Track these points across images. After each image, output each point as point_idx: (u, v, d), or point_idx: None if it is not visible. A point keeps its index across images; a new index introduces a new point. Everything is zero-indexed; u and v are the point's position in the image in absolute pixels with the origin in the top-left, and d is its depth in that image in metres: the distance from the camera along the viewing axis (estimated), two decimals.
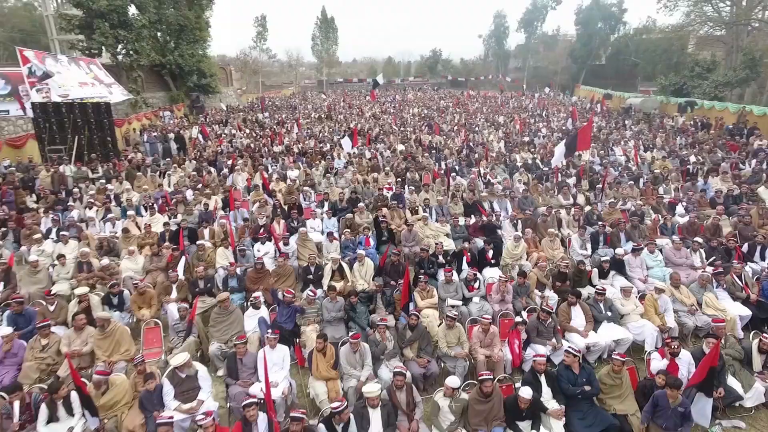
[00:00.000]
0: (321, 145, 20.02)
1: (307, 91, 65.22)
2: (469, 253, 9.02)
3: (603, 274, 8.46)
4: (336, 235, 10.16)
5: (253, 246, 9.70)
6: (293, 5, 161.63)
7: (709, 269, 8.43)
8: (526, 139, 21.05)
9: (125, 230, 10.05)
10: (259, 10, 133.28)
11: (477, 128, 24.68)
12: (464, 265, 8.91)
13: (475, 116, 30.07)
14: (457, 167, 15.81)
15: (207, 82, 33.98)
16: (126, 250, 9.28)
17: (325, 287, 8.15)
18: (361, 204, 11.63)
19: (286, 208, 11.85)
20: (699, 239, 9.15)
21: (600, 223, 10.00)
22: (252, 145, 19.93)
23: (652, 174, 14.25)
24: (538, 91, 48.28)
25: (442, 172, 14.80)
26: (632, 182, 13.17)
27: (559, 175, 14.14)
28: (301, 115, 31.68)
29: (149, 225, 10.42)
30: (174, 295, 7.95)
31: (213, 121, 28.69)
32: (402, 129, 25.10)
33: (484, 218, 10.74)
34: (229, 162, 16.40)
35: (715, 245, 9.21)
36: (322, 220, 11.22)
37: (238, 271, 8.65)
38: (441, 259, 8.87)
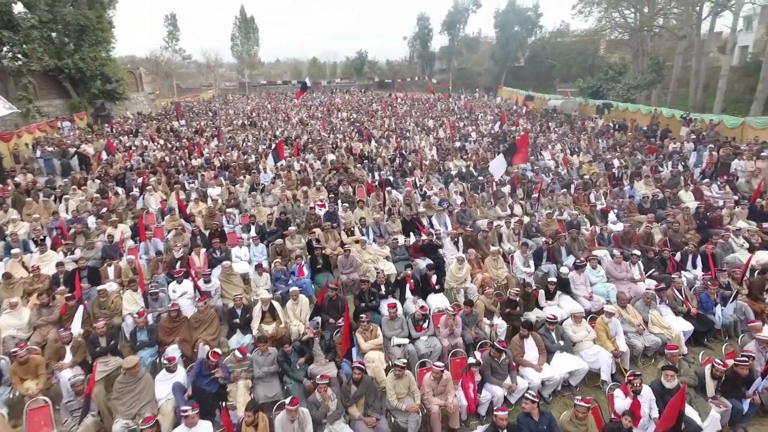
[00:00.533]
0: (245, 156, 18.61)
1: (228, 93, 62.24)
2: (412, 280, 8.40)
3: (549, 295, 8.18)
4: (265, 265, 9.15)
5: (168, 285, 8.46)
6: (208, 4, 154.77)
7: (650, 282, 8.45)
8: (458, 144, 20.94)
9: (6, 275, 8.39)
10: (170, 8, 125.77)
11: (408, 134, 24.31)
12: (408, 293, 8.30)
13: (405, 120, 29.76)
14: (391, 178, 15.21)
15: (113, 88, 30.87)
16: (7, 301, 7.65)
17: (255, 331, 7.21)
18: (292, 227, 10.67)
19: (207, 234, 10.63)
20: (637, 251, 9.14)
21: (543, 240, 9.76)
22: (167, 159, 18.05)
23: (582, 180, 14.48)
24: (464, 92, 49.12)
25: (377, 184, 14.13)
26: (565, 189, 13.21)
27: (494, 184, 13.93)
28: (222, 122, 29.72)
29: (38, 267, 8.77)
30: (68, 358, 6.59)
31: (121, 131, 26.00)
32: (331, 135, 24.18)
33: (424, 237, 10.19)
34: (140, 180, 14.62)
35: (651, 256, 9.29)
36: (248, 247, 10.13)
37: (149, 318, 7.42)
38: (383, 289, 8.17)
